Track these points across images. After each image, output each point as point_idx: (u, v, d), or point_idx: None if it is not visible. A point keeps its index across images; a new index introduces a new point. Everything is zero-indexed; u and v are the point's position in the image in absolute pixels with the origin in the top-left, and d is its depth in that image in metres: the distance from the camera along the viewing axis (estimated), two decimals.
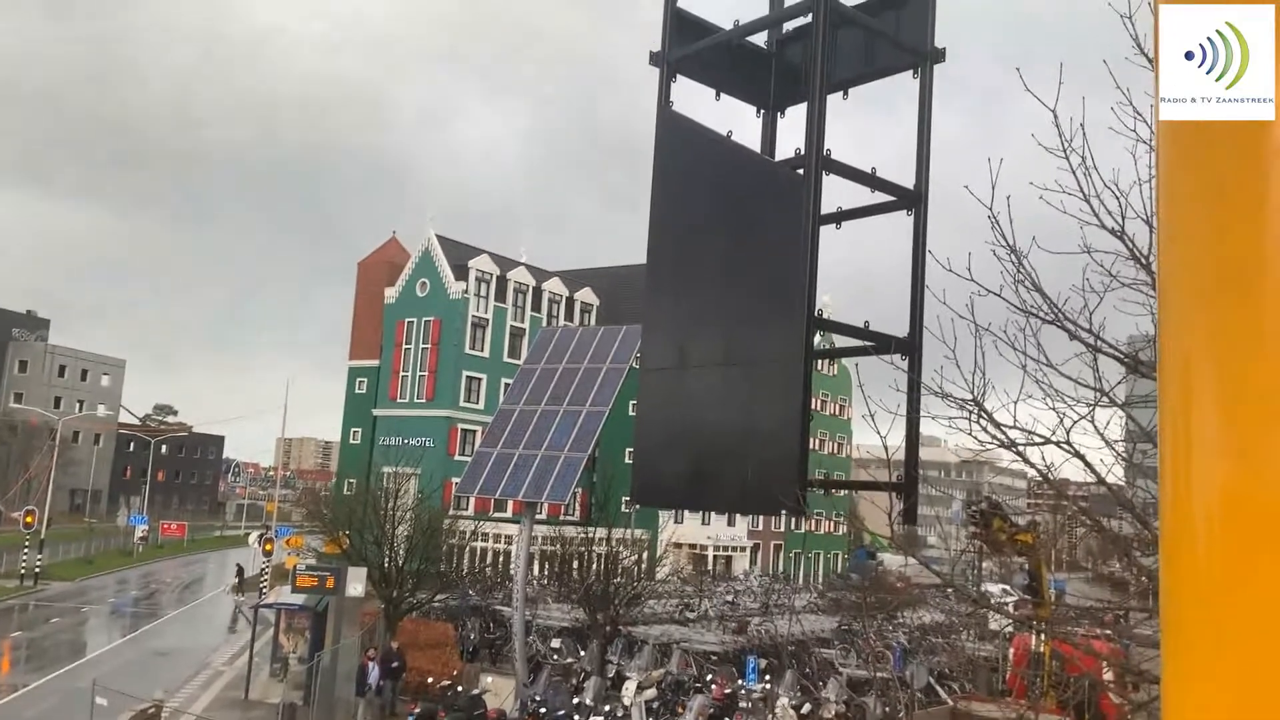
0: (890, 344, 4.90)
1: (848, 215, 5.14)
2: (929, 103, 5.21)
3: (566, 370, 35.22)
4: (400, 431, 67.50)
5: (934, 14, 5.39)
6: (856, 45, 5.51)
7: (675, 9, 5.56)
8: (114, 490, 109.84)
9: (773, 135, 5.73)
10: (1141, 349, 7.31)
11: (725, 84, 5.64)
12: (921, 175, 5.08)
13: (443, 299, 69.72)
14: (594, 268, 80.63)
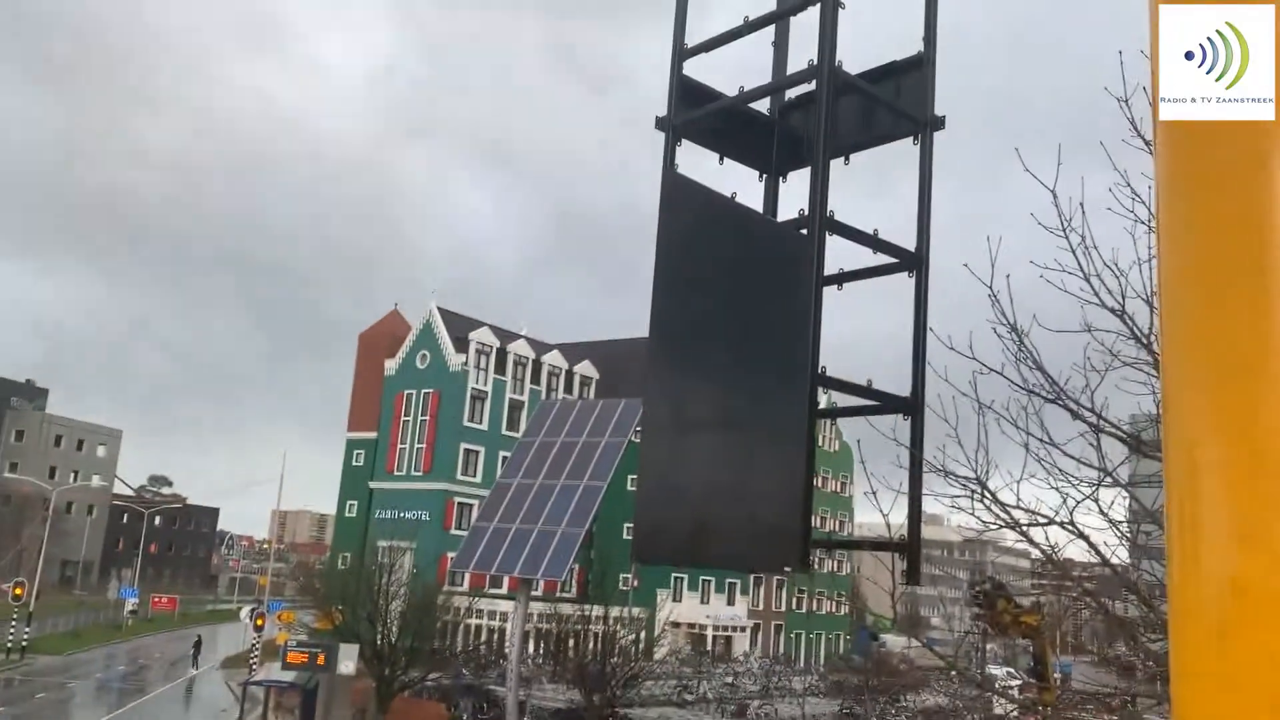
0: (893, 403, 4.92)
1: (849, 276, 5.23)
2: (929, 168, 5.36)
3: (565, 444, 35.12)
4: (397, 505, 67.09)
5: (934, 83, 5.49)
6: (858, 112, 5.64)
7: (681, 75, 5.76)
8: (105, 562, 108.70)
9: (775, 199, 5.88)
10: (1144, 429, 7.34)
11: (728, 148, 5.79)
12: (922, 238, 5.23)
13: (443, 371, 69.74)
14: (593, 341, 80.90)
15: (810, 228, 4.83)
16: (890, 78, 5.59)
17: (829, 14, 5.13)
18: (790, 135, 5.99)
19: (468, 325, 71.49)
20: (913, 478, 5.02)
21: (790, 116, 6.03)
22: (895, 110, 5.39)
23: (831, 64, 5.07)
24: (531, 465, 34.42)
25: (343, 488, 74.77)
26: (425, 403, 70.37)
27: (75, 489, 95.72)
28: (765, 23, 5.87)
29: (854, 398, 4.90)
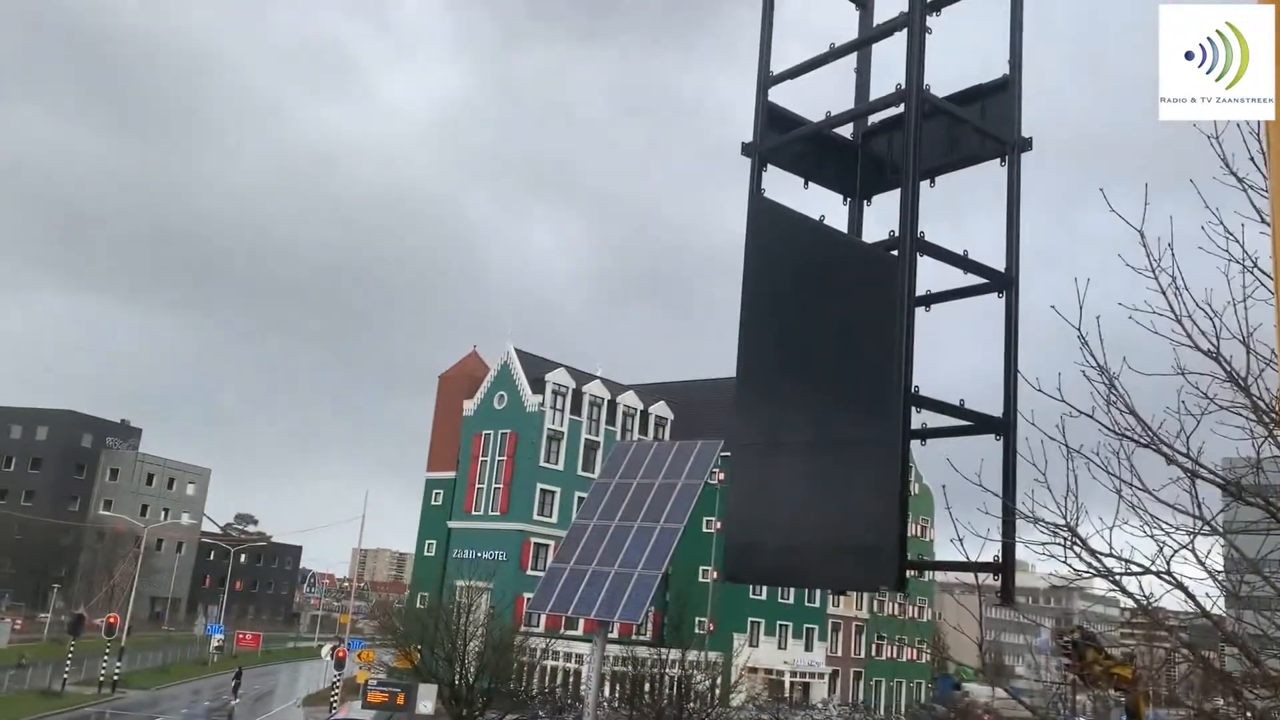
0: (986, 423, 4.83)
1: (939, 298, 5.19)
2: (1017, 189, 5.34)
3: (641, 485, 34.99)
4: (474, 544, 67.45)
5: (1020, 105, 5.46)
6: (943, 134, 5.62)
7: (767, 102, 5.81)
8: (193, 598, 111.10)
9: (859, 222, 5.84)
10: (1242, 474, 7.06)
11: (813, 173, 5.82)
12: (1012, 258, 5.18)
13: (519, 412, 70.24)
14: (668, 382, 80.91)
15: (901, 248, 4.79)
16: (976, 101, 5.56)
17: (916, 38, 5.11)
18: (873, 160, 5.97)
19: (544, 366, 72.03)
20: (1005, 501, 4.90)
21: (873, 141, 6.03)
22: (982, 132, 5.35)
23: (919, 87, 5.04)
24: (608, 506, 34.36)
25: (421, 527, 75.48)
26: (502, 443, 70.87)
27: (165, 526, 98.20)
28: (851, 49, 5.86)
29: (946, 419, 4.84)
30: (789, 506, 4.91)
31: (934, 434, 5.17)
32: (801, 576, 5.63)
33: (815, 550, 4.81)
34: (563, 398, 71.50)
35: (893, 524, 4.45)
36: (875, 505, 4.58)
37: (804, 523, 4.83)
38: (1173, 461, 6.61)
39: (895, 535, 4.43)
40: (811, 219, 5.35)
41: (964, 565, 5.41)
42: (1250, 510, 6.81)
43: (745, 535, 5.03)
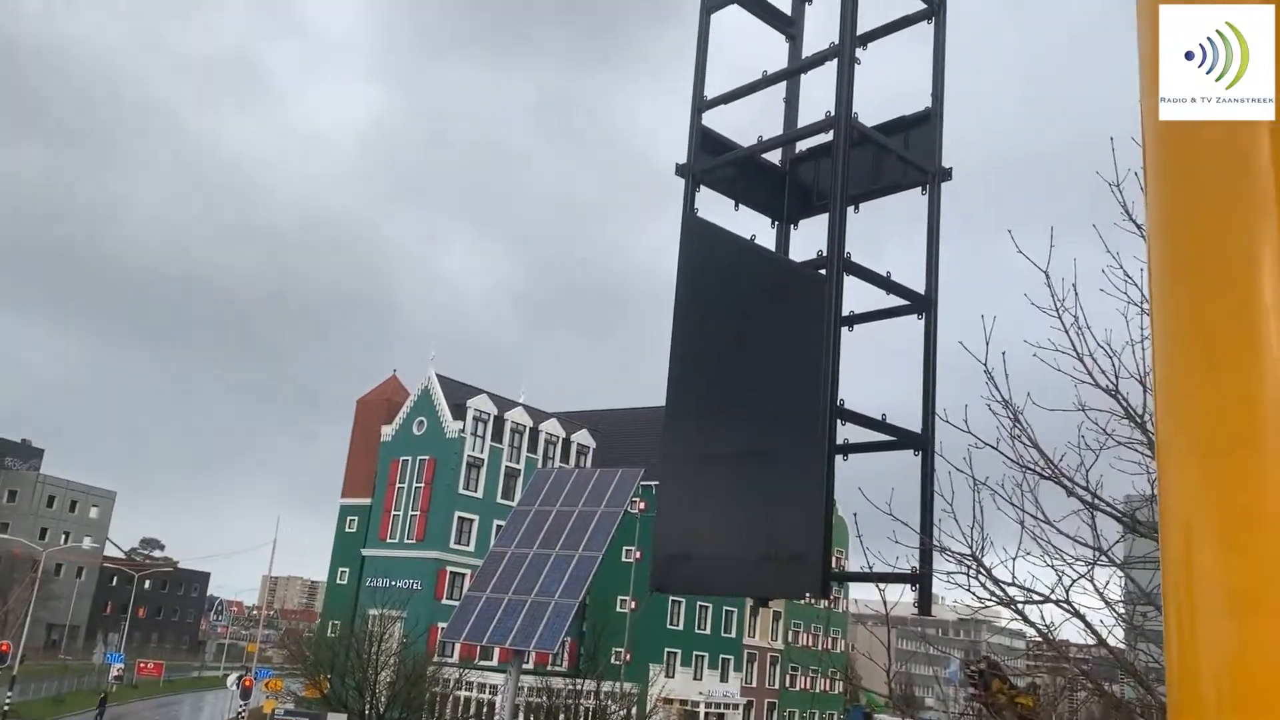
0: (906, 438, 5.01)
1: (862, 318, 5.38)
2: (937, 216, 5.60)
3: (560, 513, 34.80)
4: (388, 573, 66.34)
5: (941, 135, 5.75)
6: (868, 162, 5.83)
7: (701, 125, 5.99)
8: (92, 626, 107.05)
9: (786, 245, 6.05)
10: (1139, 508, 7.36)
11: (744, 196, 6.01)
12: (931, 281, 5.40)
13: (439, 438, 69.48)
14: (591, 410, 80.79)
15: (829, 267, 4.98)
16: (899, 131, 5.79)
17: (845, 69, 5.33)
18: (800, 185, 6.18)
19: (466, 392, 71.42)
20: (924, 513, 5.07)
21: (800, 168, 6.24)
22: (906, 161, 5.59)
23: (848, 115, 5.24)
24: (526, 534, 34.10)
25: (335, 555, 74.00)
26: (421, 469, 69.98)
27: (66, 550, 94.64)
28: (781, 77, 6.06)
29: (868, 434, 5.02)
30: (716, 516, 5.02)
31: (856, 449, 5.31)
32: (728, 585, 5.72)
33: (741, 559, 4.91)
34: (484, 424, 70.94)
35: (817, 533, 4.57)
36: (801, 515, 4.70)
37: (731, 532, 4.93)
38: (1073, 494, 6.84)
39: (820, 544, 4.54)
40: (742, 238, 5.52)
41: (883, 576, 5.56)
42: (1146, 543, 6.98)
43: (672, 545, 5.11)
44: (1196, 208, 1.92)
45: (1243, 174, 1.86)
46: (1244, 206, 1.83)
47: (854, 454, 5.15)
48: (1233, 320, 1.76)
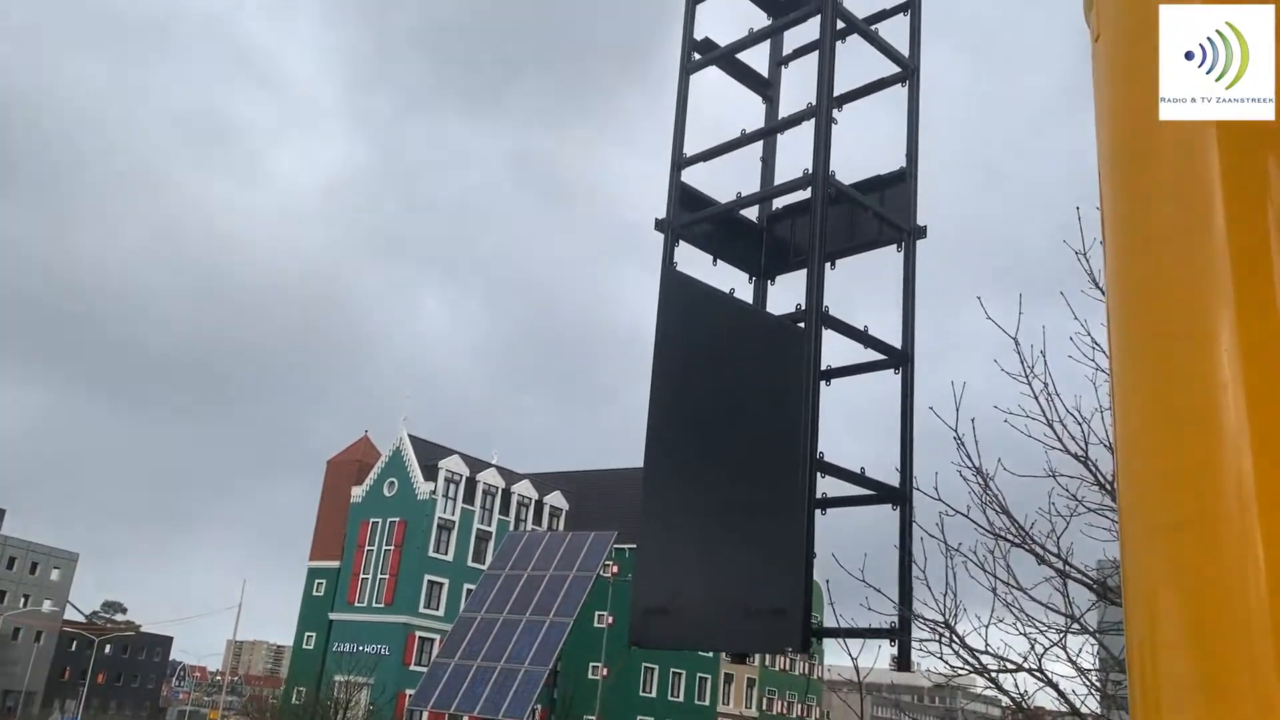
0: (885, 492, 5.03)
1: (839, 372, 5.41)
2: (913, 273, 5.70)
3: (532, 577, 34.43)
4: (356, 638, 65.21)
5: (915, 194, 5.87)
6: (845, 220, 5.94)
7: (680, 182, 6.10)
8: (50, 692, 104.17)
9: (764, 300, 6.13)
10: (1110, 575, 7.39)
11: (721, 251, 6.12)
12: (908, 336, 5.47)
13: (410, 500, 68.79)
14: (564, 471, 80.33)
15: (807, 321, 5.03)
16: (875, 190, 5.92)
17: (823, 127, 5.45)
18: (777, 242, 6.29)
19: (438, 453, 70.90)
20: (902, 567, 5.07)
21: (777, 225, 6.35)
22: (882, 218, 5.70)
23: (825, 173, 5.35)
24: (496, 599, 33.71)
25: (301, 618, 72.69)
26: (390, 532, 69.14)
27: (24, 614, 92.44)
28: (761, 135, 6.19)
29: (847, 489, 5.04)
30: (696, 570, 5.00)
31: (834, 503, 5.31)
32: (708, 640, 5.66)
33: (722, 613, 4.88)
34: (456, 486, 70.34)
35: (798, 586, 4.56)
36: (781, 568, 4.69)
37: (711, 586, 4.91)
38: (1044, 561, 6.86)
39: (800, 598, 4.53)
40: (722, 291, 5.60)
41: (864, 631, 5.53)
42: (1118, 611, 6.99)
43: (651, 599, 5.07)
44: (1154, 279, 1.94)
45: (1199, 249, 1.88)
46: (1201, 277, 1.85)
47: (832, 508, 5.15)
48: (1192, 392, 1.77)
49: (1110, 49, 2.24)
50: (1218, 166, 1.93)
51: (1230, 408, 1.71)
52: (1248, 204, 1.88)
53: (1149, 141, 2.07)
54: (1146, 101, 2.06)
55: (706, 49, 6.45)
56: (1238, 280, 1.81)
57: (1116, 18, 2.23)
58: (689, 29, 6.34)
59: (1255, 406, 1.71)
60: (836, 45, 5.88)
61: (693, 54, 6.34)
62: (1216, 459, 1.70)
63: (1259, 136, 1.94)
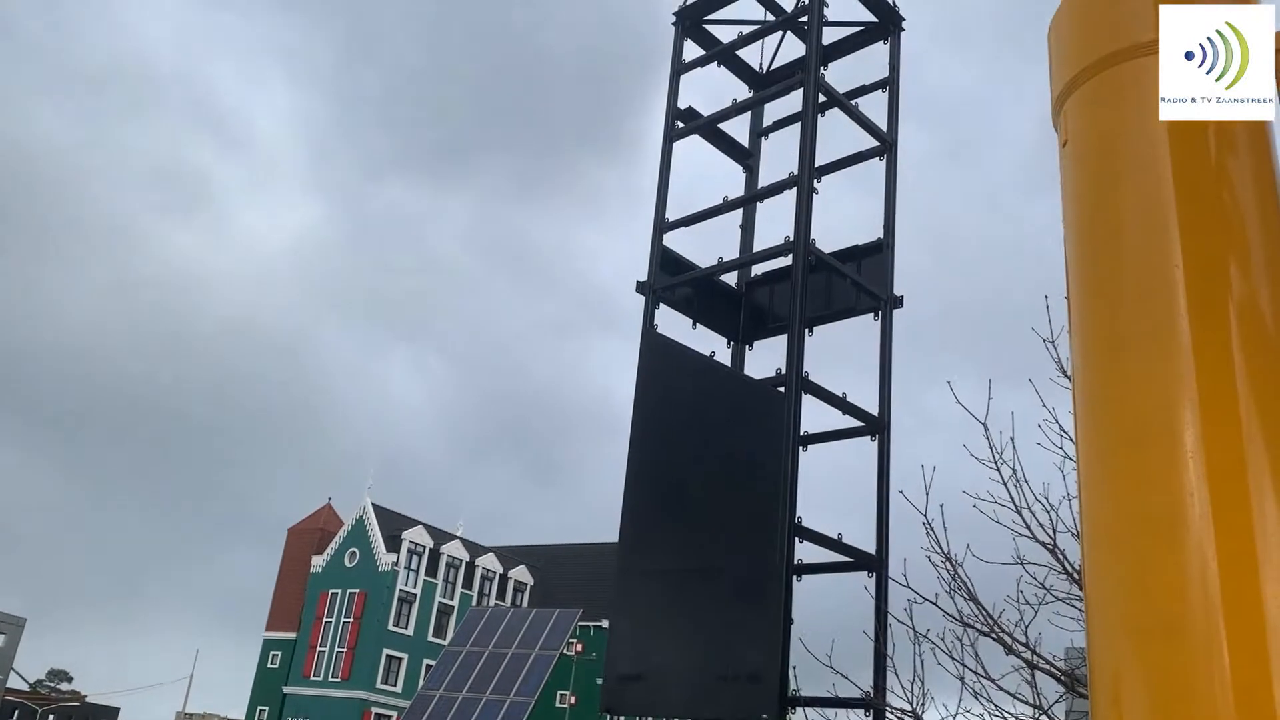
0: (861, 559, 4.98)
1: (816, 438, 5.40)
2: (889, 341, 5.74)
3: (493, 655, 33.72)
4: (311, 712, 63.56)
5: (892, 265, 5.93)
6: (823, 288, 6.01)
7: (661, 246, 6.15)
8: None
9: (741, 364, 6.16)
10: (1077, 665, 7.34)
11: (701, 315, 6.17)
12: (884, 404, 5.48)
13: (371, 571, 67.62)
14: (530, 545, 79.35)
15: (787, 386, 5.03)
16: (853, 260, 6.00)
17: (805, 196, 5.53)
18: (755, 308, 6.35)
19: (401, 523, 69.92)
20: (878, 638, 5.00)
21: (755, 292, 6.42)
22: (860, 287, 5.75)
23: (806, 241, 5.41)
24: (456, 676, 32.96)
25: (255, 691, 70.75)
26: (350, 603, 67.78)
27: None
28: (744, 202, 6.28)
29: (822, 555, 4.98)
30: (671, 635, 4.91)
31: (810, 570, 5.26)
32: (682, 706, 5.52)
33: (697, 680, 4.78)
34: (419, 557, 69.28)
35: (775, 654, 4.48)
36: (758, 634, 4.61)
37: (686, 652, 4.82)
38: (1012, 651, 6.83)
39: (777, 663, 4.44)
40: (702, 354, 5.61)
41: (840, 702, 5.44)
42: (1086, 702, 6.91)
43: (626, 665, 4.96)
44: (1120, 382, 1.98)
45: (1164, 353, 1.91)
46: (1167, 381, 1.89)
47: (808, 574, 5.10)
48: (1158, 496, 1.79)
49: (1077, 155, 2.33)
50: (1181, 272, 1.97)
51: (1195, 513, 1.73)
52: (1211, 308, 1.93)
53: (1116, 245, 2.13)
54: (1113, 206, 2.13)
55: (690, 118, 6.57)
56: (1202, 385, 1.85)
57: (1083, 125, 2.32)
58: (673, 98, 6.45)
59: (1220, 512, 1.74)
60: (817, 118, 6.00)
61: (676, 122, 6.45)
62: (1182, 564, 1.72)
63: (1220, 243, 2.01)
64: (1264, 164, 2.13)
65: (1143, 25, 2.23)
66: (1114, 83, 2.28)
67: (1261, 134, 2.15)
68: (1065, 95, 2.44)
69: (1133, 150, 2.18)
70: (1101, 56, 2.33)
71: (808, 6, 6.30)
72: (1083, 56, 2.40)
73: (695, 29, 6.84)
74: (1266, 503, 1.77)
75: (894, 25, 6.69)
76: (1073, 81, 2.41)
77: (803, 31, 6.61)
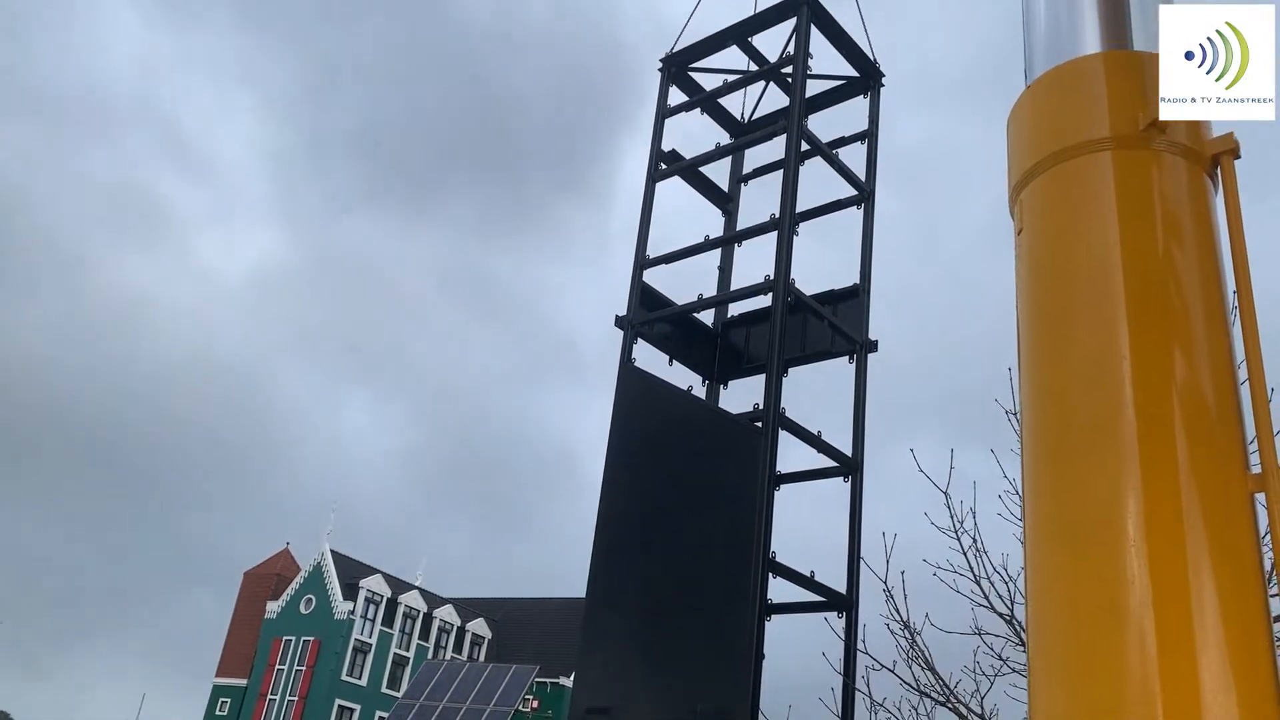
0: (833, 599, 4.98)
1: (789, 478, 5.44)
2: (864, 384, 5.84)
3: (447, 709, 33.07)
4: None
5: (868, 310, 6.05)
6: (799, 330, 6.10)
7: (642, 282, 6.25)
8: None
9: (716, 403, 6.24)
10: None
11: (677, 353, 6.25)
12: (858, 446, 5.53)
13: (327, 618, 66.44)
14: (489, 597, 78.32)
15: (765, 422, 5.07)
16: (829, 304, 6.10)
17: (786, 238, 5.64)
18: (732, 348, 6.43)
19: (360, 571, 68.86)
20: (847, 674, 4.98)
21: (731, 332, 6.50)
22: (836, 329, 5.85)
23: (787, 278, 5.50)
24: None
25: None
26: (304, 651, 66.47)
27: None
28: (724, 242, 6.39)
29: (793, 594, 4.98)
30: (641, 667, 4.86)
31: (780, 610, 5.26)
32: None
33: (666, 713, 4.73)
34: (376, 607, 68.18)
35: (744, 688, 4.45)
36: (728, 667, 4.57)
37: (655, 685, 4.76)
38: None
39: (747, 700, 4.42)
40: (680, 389, 5.67)
41: None
42: None
43: (593, 697, 4.90)
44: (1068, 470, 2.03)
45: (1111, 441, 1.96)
46: (1112, 470, 1.94)
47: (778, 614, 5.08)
48: (1099, 586, 1.83)
49: (1031, 244, 2.41)
50: (1129, 362, 2.03)
51: (1135, 601, 1.78)
52: (1156, 399, 1.99)
53: (1066, 334, 2.20)
54: (1064, 296, 2.20)
55: (673, 160, 6.70)
56: (1146, 476, 1.90)
57: (1037, 216, 2.41)
58: (657, 140, 6.58)
59: (1161, 602, 1.78)
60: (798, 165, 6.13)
61: (660, 163, 6.57)
62: (1121, 652, 1.75)
63: (1166, 334, 2.07)
64: (1208, 257, 2.20)
65: (1096, 122, 2.34)
66: (1068, 176, 2.38)
67: (1207, 226, 2.24)
68: (1021, 185, 2.53)
69: (1084, 243, 2.26)
70: (1056, 150, 2.43)
71: (791, 58, 6.46)
72: (1038, 149, 2.49)
73: (680, 75, 6.99)
74: (1205, 592, 1.81)
75: (874, 80, 6.88)
76: (1029, 173, 2.51)
77: (785, 82, 6.77)
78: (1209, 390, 2.06)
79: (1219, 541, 1.88)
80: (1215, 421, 2.02)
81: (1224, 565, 1.86)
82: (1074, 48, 2.48)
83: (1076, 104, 2.43)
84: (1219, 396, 2.07)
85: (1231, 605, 1.83)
